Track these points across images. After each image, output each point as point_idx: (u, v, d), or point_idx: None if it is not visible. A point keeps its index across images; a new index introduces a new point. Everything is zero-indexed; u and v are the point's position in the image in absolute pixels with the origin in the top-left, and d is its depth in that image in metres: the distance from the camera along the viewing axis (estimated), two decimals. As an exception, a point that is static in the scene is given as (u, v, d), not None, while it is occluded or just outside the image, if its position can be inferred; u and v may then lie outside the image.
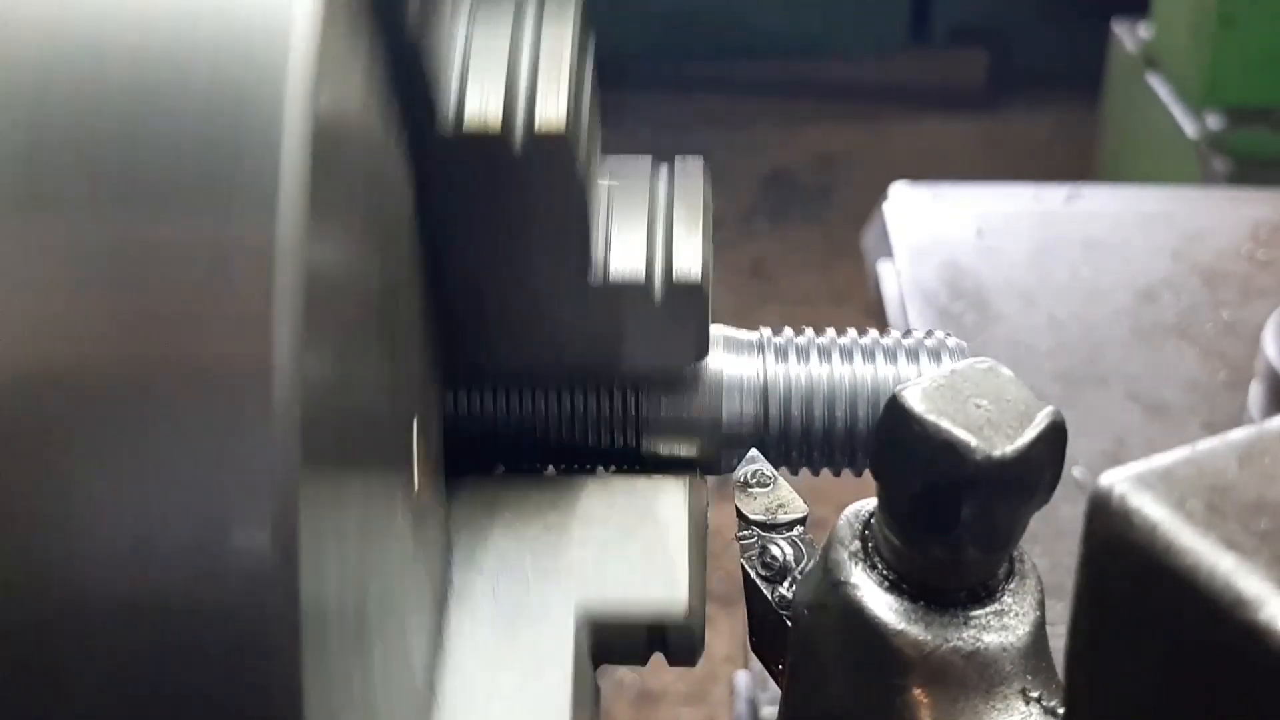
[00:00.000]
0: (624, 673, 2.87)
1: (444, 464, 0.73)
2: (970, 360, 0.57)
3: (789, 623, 0.63)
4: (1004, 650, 0.56)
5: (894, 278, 1.43)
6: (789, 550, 0.65)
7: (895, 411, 0.55)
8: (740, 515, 0.67)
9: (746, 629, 0.68)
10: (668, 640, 0.71)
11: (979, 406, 0.54)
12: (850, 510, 0.60)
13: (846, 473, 0.77)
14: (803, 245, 4.21)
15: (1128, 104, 3.42)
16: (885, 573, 0.58)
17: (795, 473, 0.77)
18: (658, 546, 0.71)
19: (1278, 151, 2.95)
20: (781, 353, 0.76)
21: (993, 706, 0.56)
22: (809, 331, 0.78)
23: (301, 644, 0.48)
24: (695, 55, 4.98)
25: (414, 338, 0.66)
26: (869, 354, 0.76)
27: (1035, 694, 0.56)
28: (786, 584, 0.64)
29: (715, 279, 0.76)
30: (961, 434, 0.53)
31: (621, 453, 0.76)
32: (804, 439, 0.75)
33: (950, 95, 4.86)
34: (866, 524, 0.59)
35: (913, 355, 0.75)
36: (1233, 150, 2.96)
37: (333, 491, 0.52)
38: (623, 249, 0.71)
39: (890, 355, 0.75)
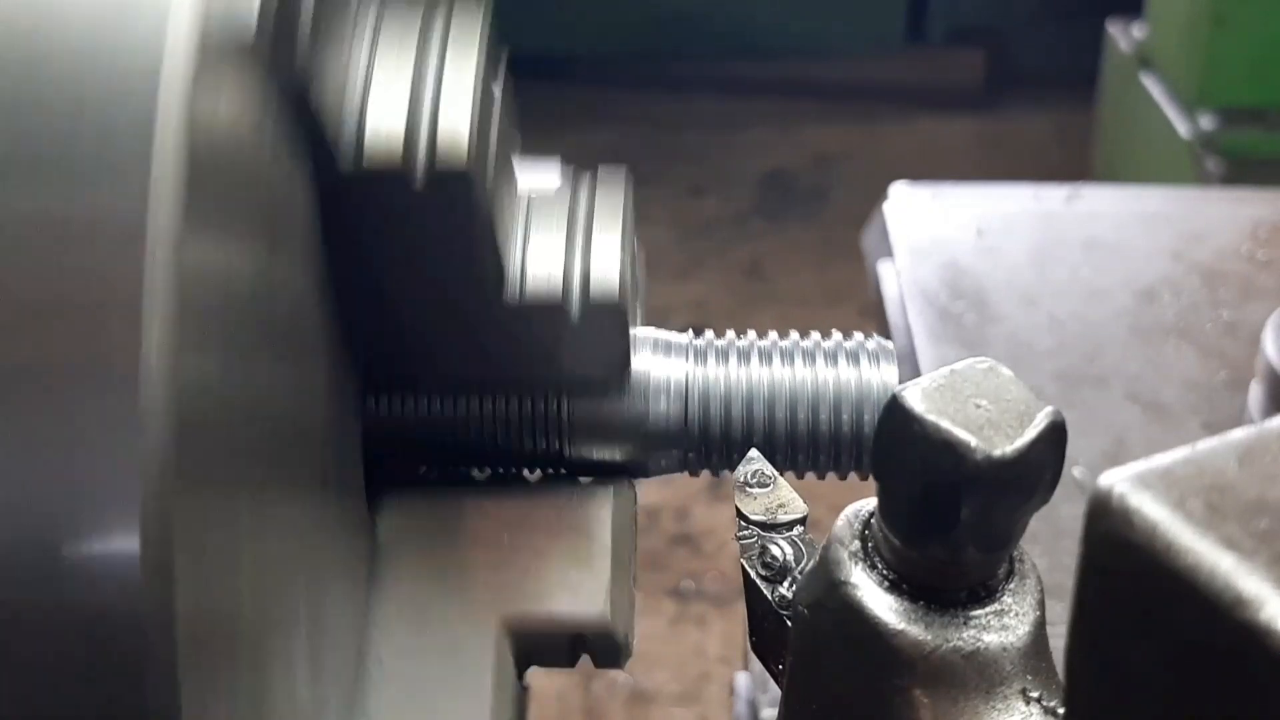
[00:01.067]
0: (616, 673, 2.87)
1: (365, 471, 0.73)
2: (970, 360, 0.57)
3: (789, 623, 0.63)
4: (1004, 650, 0.56)
5: (894, 278, 1.43)
6: (789, 550, 0.65)
7: (895, 411, 0.55)
8: (740, 515, 0.67)
9: (741, 629, 0.68)
10: (589, 645, 0.72)
11: (979, 406, 0.54)
12: (850, 510, 0.60)
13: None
14: (799, 245, 4.21)
15: (1122, 104, 3.43)
16: (885, 573, 0.58)
17: (716, 475, 0.78)
18: (580, 555, 0.72)
19: (1271, 152, 2.95)
20: (704, 355, 0.76)
21: (993, 706, 0.56)
22: (730, 334, 0.78)
23: (178, 657, 0.46)
24: (692, 55, 4.98)
25: (321, 346, 0.66)
26: (788, 356, 0.76)
27: (1035, 694, 0.56)
28: (786, 584, 0.64)
29: (712, 279, 0.76)
30: (961, 434, 0.53)
31: (547, 457, 0.76)
32: (725, 441, 0.75)
33: (947, 95, 4.86)
34: (866, 524, 0.59)
35: (831, 358, 0.76)
36: (1226, 151, 2.96)
37: (216, 496, 0.50)
38: (539, 267, 0.71)
39: (809, 358, 0.76)
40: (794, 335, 0.78)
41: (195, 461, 0.47)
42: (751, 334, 0.78)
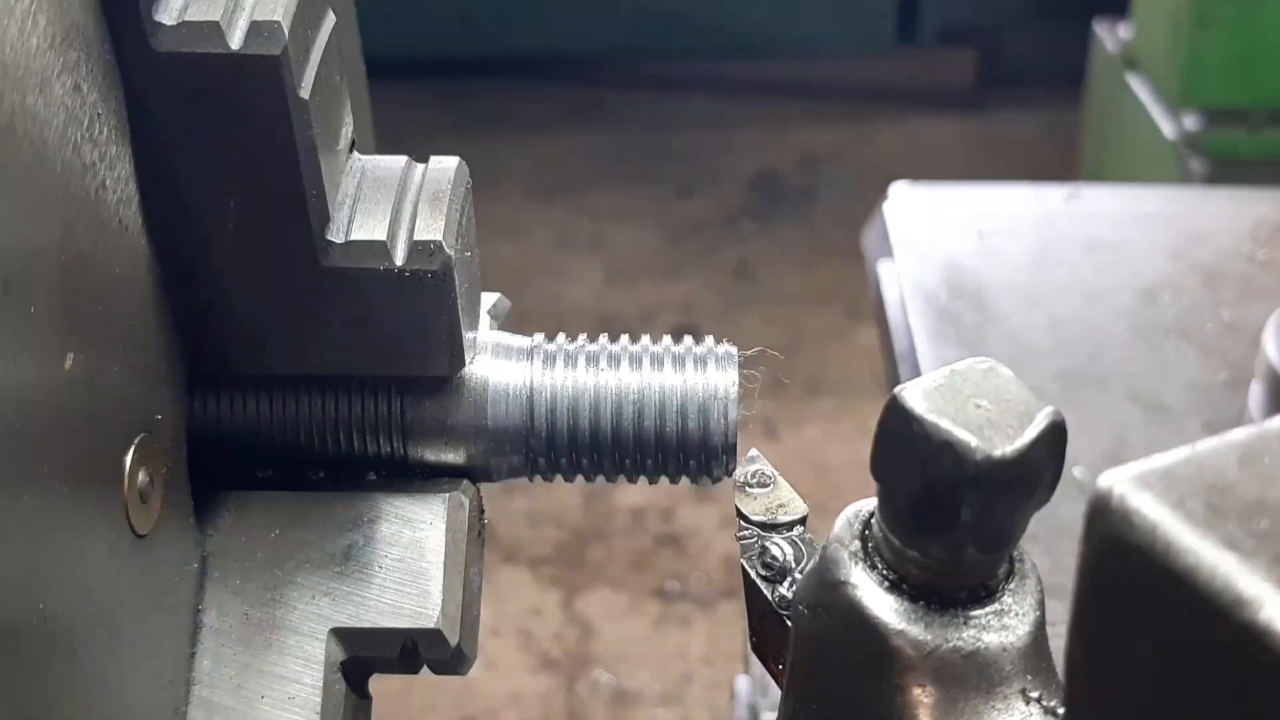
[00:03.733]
0: (599, 673, 2.87)
1: (190, 474, 0.71)
2: (970, 360, 0.57)
3: (789, 623, 0.63)
4: (1004, 650, 0.56)
5: (894, 278, 1.43)
6: (789, 550, 0.66)
7: (895, 411, 0.55)
8: (740, 515, 0.68)
9: (725, 631, 0.68)
10: (421, 652, 0.71)
11: (979, 406, 0.54)
12: (850, 510, 0.60)
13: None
14: (788, 246, 4.21)
15: (1109, 104, 3.44)
16: (885, 573, 0.58)
17: (570, 480, 0.77)
18: (410, 568, 0.71)
19: (1253, 152, 2.96)
20: (550, 359, 0.76)
21: (993, 706, 0.56)
22: (581, 338, 0.77)
23: None
24: (682, 55, 4.98)
25: (129, 333, 0.63)
26: (636, 361, 0.76)
27: (1035, 694, 0.57)
28: (786, 584, 0.64)
29: (700, 280, 0.76)
30: (961, 434, 0.53)
31: (388, 459, 0.75)
32: (571, 446, 0.75)
33: (938, 95, 4.86)
34: (866, 524, 0.60)
35: (679, 362, 0.75)
36: (1210, 150, 2.98)
37: None
38: (364, 224, 0.69)
39: (657, 362, 0.76)
40: (644, 339, 0.78)
41: None
42: (603, 338, 0.78)
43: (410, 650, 0.70)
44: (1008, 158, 4.49)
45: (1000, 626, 0.57)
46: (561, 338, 0.77)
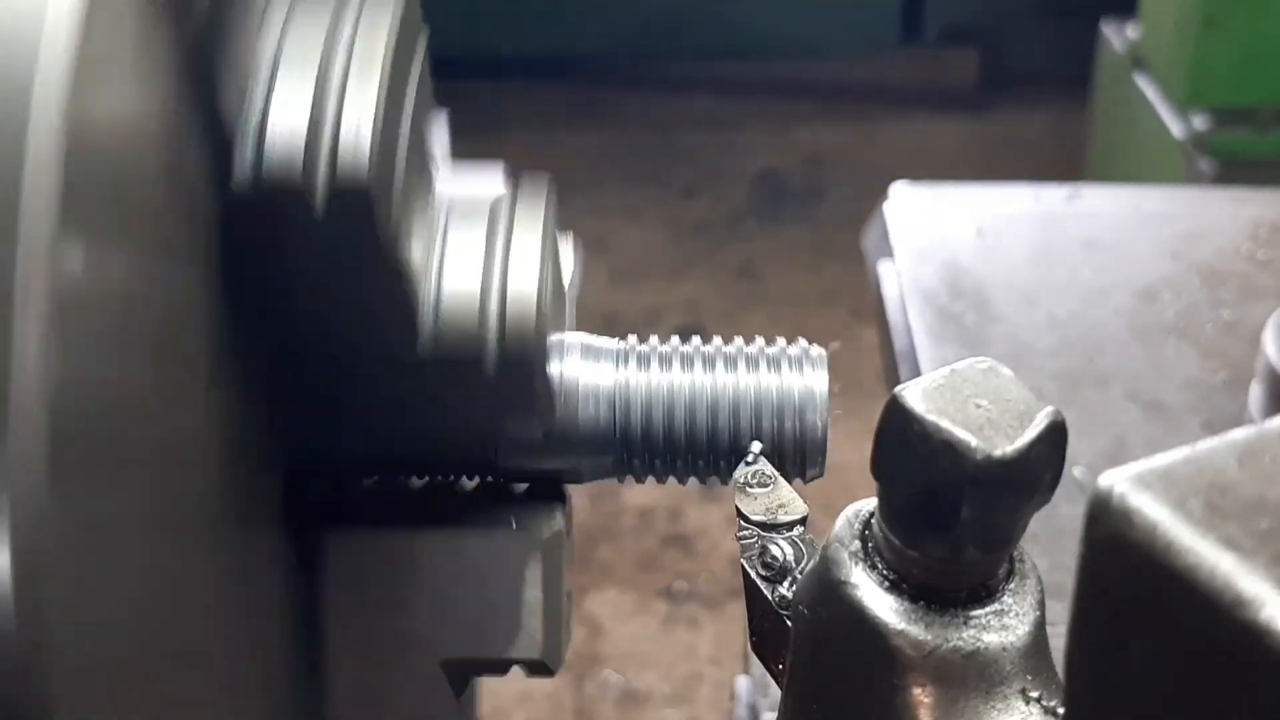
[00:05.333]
0: (608, 673, 2.87)
1: (300, 488, 0.73)
2: (970, 360, 0.57)
3: (789, 623, 0.63)
4: (1004, 650, 0.56)
5: (894, 278, 1.43)
6: (789, 550, 0.65)
7: (895, 411, 0.55)
8: (740, 515, 0.68)
9: (733, 630, 0.69)
10: (522, 668, 0.75)
11: (979, 406, 0.54)
12: (850, 510, 0.60)
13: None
14: (792, 246, 4.21)
15: (1116, 104, 3.43)
16: (885, 573, 0.58)
17: (662, 481, 0.77)
18: (511, 611, 0.74)
19: (1261, 152, 2.96)
20: (643, 360, 0.76)
21: (993, 706, 0.56)
22: (674, 340, 0.77)
23: (54, 692, 0.44)
24: (686, 55, 4.98)
25: (219, 362, 0.64)
26: (731, 362, 0.76)
27: (1035, 694, 0.56)
28: (786, 584, 0.64)
29: (705, 280, 0.76)
30: (961, 434, 0.53)
31: (480, 464, 0.76)
32: (665, 448, 0.75)
33: (941, 95, 4.86)
34: (866, 524, 0.59)
35: (774, 364, 0.75)
36: (1217, 151, 2.97)
37: (91, 508, 0.48)
38: (454, 316, 0.68)
39: (752, 363, 0.75)
40: (737, 340, 0.78)
41: (69, 466, 0.46)
42: (695, 339, 0.78)
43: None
44: (1012, 158, 4.48)
45: (1000, 626, 0.57)
46: (654, 339, 0.78)
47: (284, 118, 0.61)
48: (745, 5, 4.84)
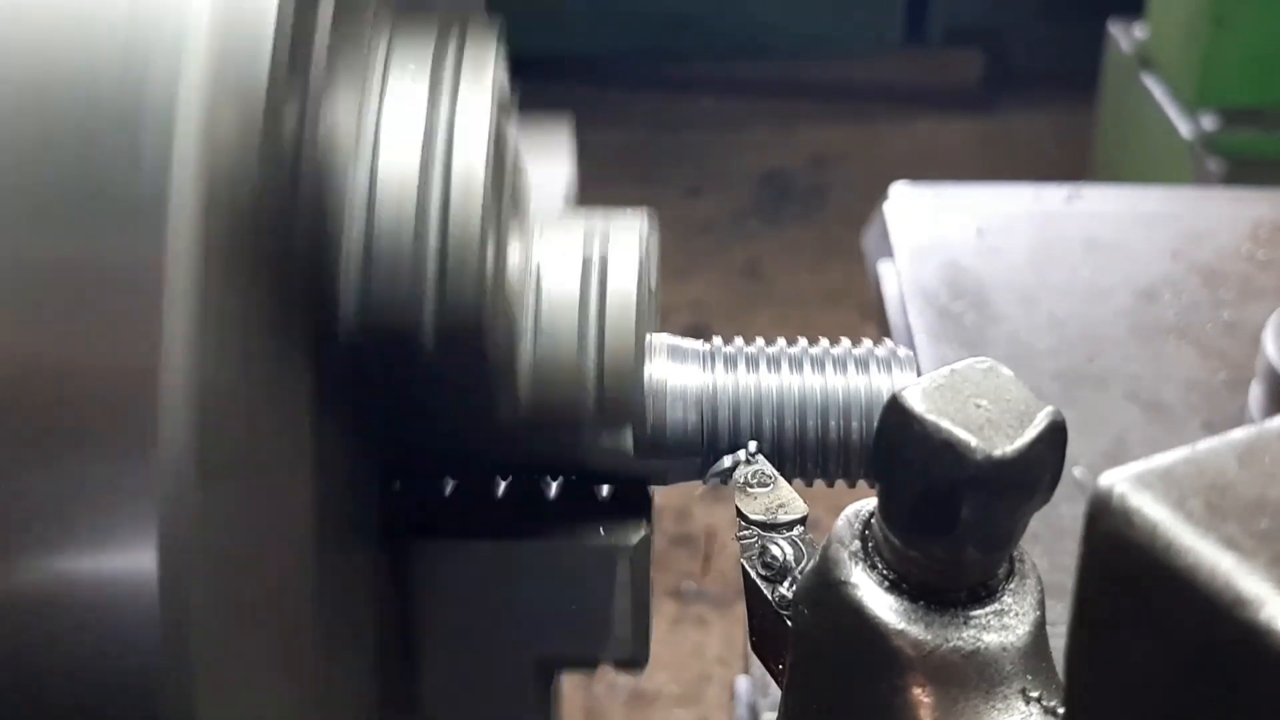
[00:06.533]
0: (617, 674, 2.87)
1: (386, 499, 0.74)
2: (970, 360, 0.57)
3: (789, 623, 0.63)
4: (1004, 650, 0.56)
5: (894, 278, 1.43)
6: (789, 550, 0.65)
7: (895, 411, 0.55)
8: (740, 515, 0.67)
9: (742, 630, 0.69)
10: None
11: (979, 406, 0.54)
12: (850, 510, 0.60)
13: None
14: (797, 246, 4.21)
15: (1123, 104, 3.43)
16: (885, 573, 0.58)
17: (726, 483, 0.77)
18: (601, 617, 0.76)
19: (1271, 152, 2.95)
20: (730, 362, 0.75)
21: (993, 706, 0.56)
22: (759, 341, 0.77)
23: (196, 687, 0.46)
24: (690, 55, 4.98)
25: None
26: (818, 363, 0.75)
27: (1035, 694, 0.56)
28: (786, 584, 0.64)
29: (710, 279, 0.76)
30: (961, 434, 0.53)
31: (566, 465, 0.76)
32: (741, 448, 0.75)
33: (946, 95, 4.86)
34: (866, 524, 0.59)
35: (862, 365, 0.75)
36: (1226, 151, 2.96)
37: (235, 519, 0.50)
38: (552, 384, 0.68)
39: (840, 365, 0.75)
40: (823, 342, 0.77)
41: (213, 468, 0.47)
42: (780, 340, 0.77)
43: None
44: (1016, 158, 4.48)
45: (1000, 626, 0.57)
46: (737, 340, 0.77)
47: (388, 251, 0.60)
48: (750, 5, 4.84)
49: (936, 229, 1.51)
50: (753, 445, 0.73)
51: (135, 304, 0.46)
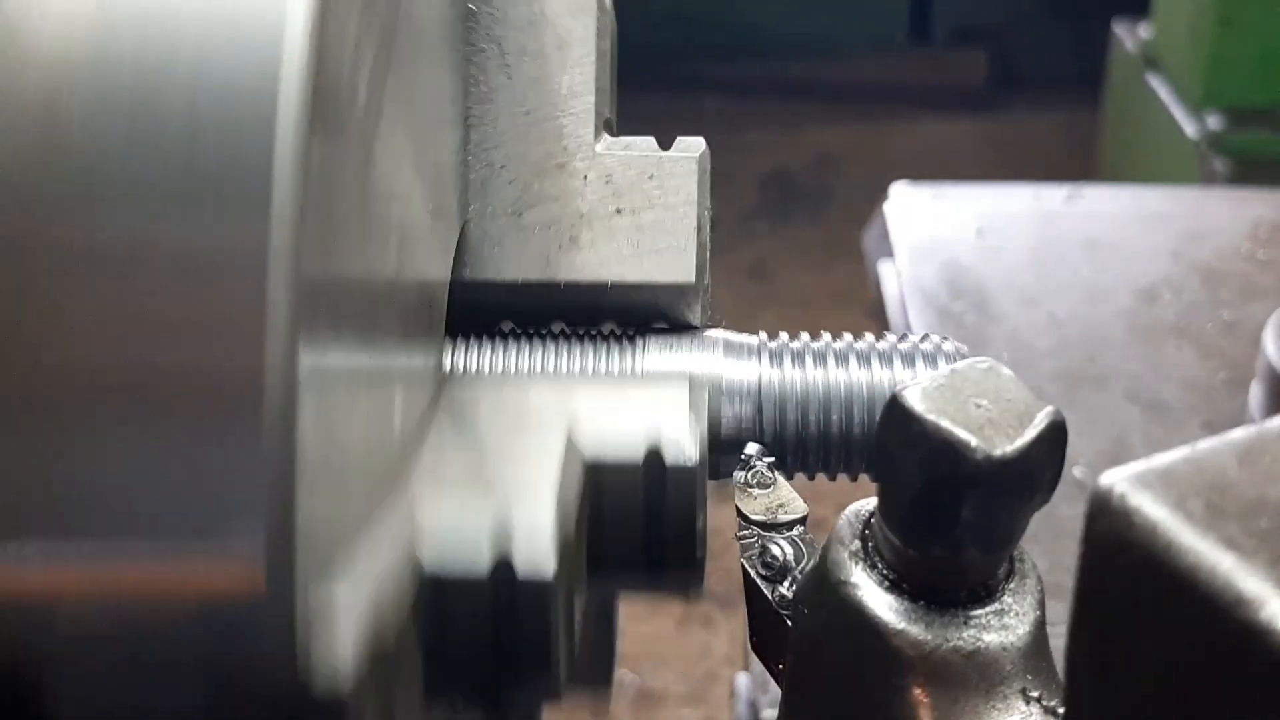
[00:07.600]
0: (624, 672, 2.87)
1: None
2: (970, 360, 0.57)
3: (789, 623, 0.63)
4: (1004, 650, 0.56)
5: (894, 277, 1.43)
6: (789, 550, 0.65)
7: (895, 411, 0.55)
8: (740, 515, 0.67)
9: (746, 629, 0.68)
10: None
11: (979, 406, 0.54)
12: (850, 510, 0.60)
13: (843, 475, 0.77)
14: (802, 246, 4.21)
15: (1128, 104, 3.43)
16: (885, 572, 0.58)
17: (790, 477, 0.77)
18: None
19: (1277, 152, 2.95)
20: (778, 357, 0.75)
21: (993, 706, 0.56)
22: (805, 336, 0.77)
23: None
24: (696, 55, 4.98)
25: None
26: (865, 358, 0.75)
27: (1035, 694, 0.56)
28: (786, 584, 0.64)
29: (716, 280, 0.76)
30: (961, 434, 0.53)
31: None
32: (799, 444, 0.74)
33: (950, 95, 4.86)
34: (866, 524, 0.59)
35: (908, 359, 0.75)
36: (1232, 151, 2.96)
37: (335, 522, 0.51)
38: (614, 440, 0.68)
39: (886, 359, 0.75)
40: (869, 336, 0.77)
41: (319, 476, 0.48)
42: (827, 335, 0.77)
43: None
44: (1022, 158, 4.48)
45: (1000, 626, 0.57)
46: (784, 335, 0.77)
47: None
48: (755, 6, 4.84)
49: (936, 229, 1.51)
50: (753, 447, 0.72)
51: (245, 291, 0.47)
